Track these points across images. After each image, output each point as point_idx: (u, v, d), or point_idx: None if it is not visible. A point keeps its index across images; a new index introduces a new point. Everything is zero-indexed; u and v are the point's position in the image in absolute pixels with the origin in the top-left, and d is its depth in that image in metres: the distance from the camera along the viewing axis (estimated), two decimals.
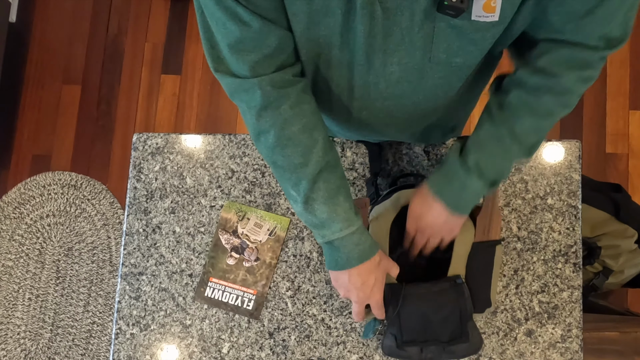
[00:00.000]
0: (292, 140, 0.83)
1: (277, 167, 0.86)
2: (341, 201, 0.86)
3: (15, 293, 2.19)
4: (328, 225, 0.86)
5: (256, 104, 0.81)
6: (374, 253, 0.90)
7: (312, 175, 0.84)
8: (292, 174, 0.85)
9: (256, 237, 1.17)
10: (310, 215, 0.86)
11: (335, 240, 0.88)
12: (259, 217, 1.17)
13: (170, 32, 2.36)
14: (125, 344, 1.15)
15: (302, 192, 0.85)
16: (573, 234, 1.14)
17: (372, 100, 0.88)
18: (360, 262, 0.89)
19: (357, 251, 0.88)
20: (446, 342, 0.99)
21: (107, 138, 2.30)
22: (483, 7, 0.70)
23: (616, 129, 2.18)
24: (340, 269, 0.90)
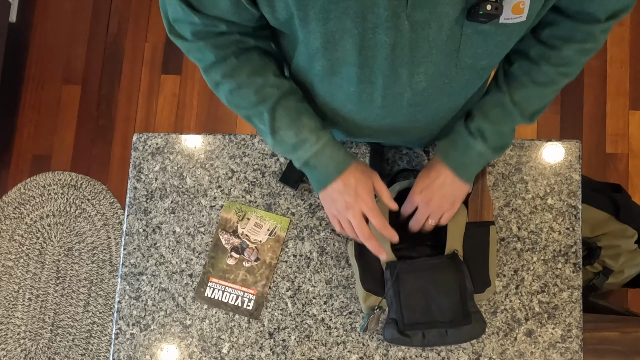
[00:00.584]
0: (244, 82, 0.88)
1: (240, 108, 0.91)
2: (305, 121, 0.90)
3: (15, 293, 2.19)
4: (299, 146, 0.90)
5: (205, 62, 0.87)
6: (351, 162, 0.93)
7: (270, 105, 0.88)
8: (254, 110, 0.89)
9: (256, 237, 1.17)
10: (281, 143, 0.91)
11: (310, 160, 0.91)
12: (259, 217, 1.17)
13: None
14: (125, 344, 1.15)
15: (267, 124, 0.89)
16: (573, 234, 1.14)
17: (398, 108, 0.89)
18: (339, 174, 0.91)
19: (332, 164, 0.91)
20: (448, 322, 0.99)
21: (107, 138, 2.30)
22: (512, 9, 0.70)
23: (616, 129, 2.18)
24: (323, 186, 0.93)
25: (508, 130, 0.93)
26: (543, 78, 0.88)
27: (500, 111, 0.91)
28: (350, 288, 1.15)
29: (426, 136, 1.06)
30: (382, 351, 1.12)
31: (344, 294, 1.15)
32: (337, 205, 0.94)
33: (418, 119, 0.93)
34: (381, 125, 0.96)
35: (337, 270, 1.15)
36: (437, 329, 0.99)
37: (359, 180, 0.92)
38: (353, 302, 1.14)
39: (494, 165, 1.17)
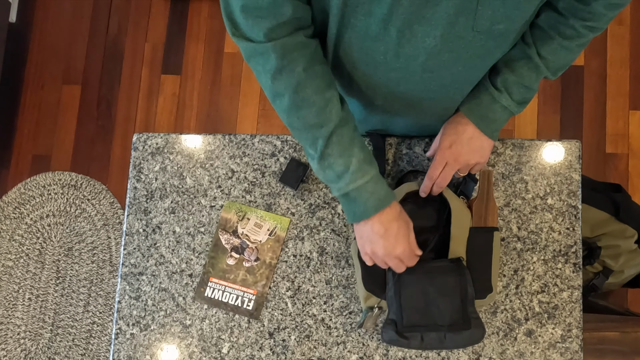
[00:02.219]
0: (306, 101, 0.86)
1: (294, 128, 0.89)
2: (355, 152, 0.89)
3: (15, 293, 2.19)
4: (343, 177, 0.89)
5: (271, 67, 0.84)
6: (391, 201, 0.92)
7: (327, 132, 0.87)
8: (308, 134, 0.88)
9: (256, 237, 1.17)
10: (328, 169, 0.89)
11: (350, 191, 0.90)
12: (259, 217, 1.17)
13: (170, 32, 2.36)
14: (125, 344, 1.15)
15: (319, 150, 0.88)
16: (573, 234, 1.14)
17: (412, 73, 0.87)
18: (376, 211, 0.90)
19: (372, 200, 0.90)
20: (447, 326, 0.99)
21: (107, 138, 2.30)
22: None
23: (616, 129, 2.18)
24: (358, 219, 0.92)
25: (533, 84, 0.94)
26: (570, 32, 0.89)
27: (526, 64, 0.92)
28: (350, 288, 1.15)
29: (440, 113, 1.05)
30: (382, 351, 1.12)
31: (344, 294, 1.15)
32: (374, 247, 0.94)
33: (432, 89, 0.92)
34: (395, 93, 0.94)
35: (337, 270, 1.15)
36: (435, 333, 0.99)
37: (400, 228, 0.93)
38: (353, 302, 1.14)
39: (494, 165, 1.17)
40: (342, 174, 0.89)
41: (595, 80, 2.23)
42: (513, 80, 0.93)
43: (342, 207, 0.94)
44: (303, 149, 0.94)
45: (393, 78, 0.90)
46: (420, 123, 1.13)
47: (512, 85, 0.93)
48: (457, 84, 0.93)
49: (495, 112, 0.95)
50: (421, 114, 1.05)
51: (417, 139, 1.18)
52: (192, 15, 2.37)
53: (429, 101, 0.97)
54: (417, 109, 1.01)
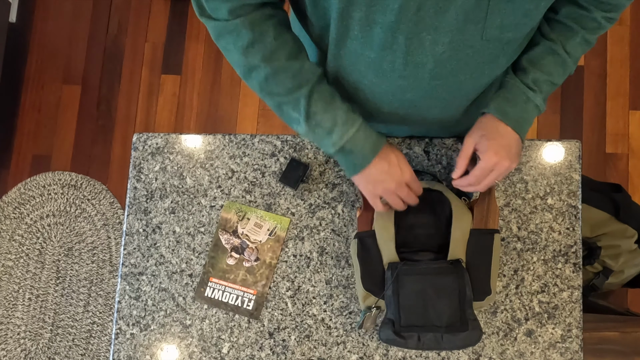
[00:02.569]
0: (282, 67, 0.87)
1: (273, 95, 0.90)
2: (339, 104, 0.90)
3: (15, 293, 2.19)
4: (335, 131, 0.90)
5: (242, 42, 0.85)
6: (383, 141, 0.94)
7: (307, 91, 0.88)
8: (289, 97, 0.89)
9: (256, 237, 1.17)
10: (317, 128, 0.90)
11: (346, 144, 0.91)
12: (259, 217, 1.17)
13: (170, 32, 2.36)
14: (125, 344, 1.15)
15: (303, 110, 0.89)
16: (573, 234, 1.14)
17: (419, 81, 0.87)
18: (375, 154, 0.93)
19: (368, 145, 0.92)
20: (444, 327, 0.99)
21: (107, 138, 2.31)
22: None
23: (616, 129, 2.18)
24: (360, 169, 0.93)
25: (561, 80, 0.93)
26: (592, 24, 0.89)
27: (554, 61, 0.91)
28: (350, 288, 1.15)
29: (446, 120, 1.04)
30: (382, 351, 1.12)
31: (344, 294, 1.15)
32: (385, 185, 0.95)
33: (439, 96, 0.92)
34: (401, 101, 0.94)
35: (337, 270, 1.15)
36: (433, 333, 0.99)
37: (399, 156, 0.96)
38: (353, 302, 1.14)
39: None
40: (332, 129, 0.90)
41: (595, 80, 2.23)
42: (544, 78, 0.92)
43: (340, 162, 0.96)
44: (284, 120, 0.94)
45: (400, 86, 0.89)
46: (424, 130, 1.13)
47: (543, 83, 0.92)
48: (464, 91, 0.92)
49: (529, 112, 0.93)
50: (426, 121, 1.04)
51: (417, 139, 1.18)
52: (192, 15, 2.37)
53: (435, 108, 0.97)
54: (423, 116, 1.01)
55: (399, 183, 0.96)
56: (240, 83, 2.31)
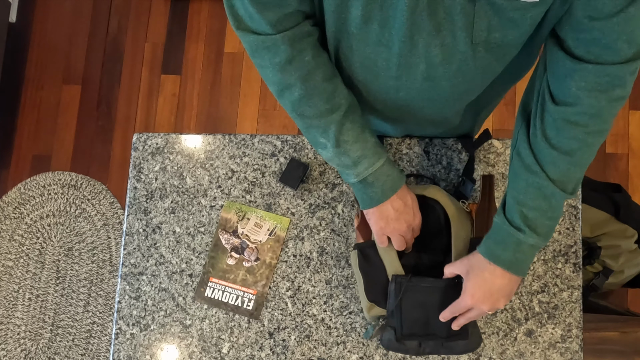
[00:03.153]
0: (317, 89, 0.86)
1: (304, 117, 0.89)
2: (368, 137, 0.91)
3: (15, 293, 2.19)
4: (361, 162, 0.90)
5: (280, 59, 0.84)
6: (404, 180, 0.95)
7: (339, 118, 0.88)
8: (320, 121, 0.88)
9: (256, 237, 1.17)
10: (344, 156, 0.90)
11: (368, 176, 0.91)
12: (259, 217, 1.17)
13: (170, 32, 2.36)
14: (125, 344, 1.15)
15: (332, 136, 0.88)
16: (573, 234, 1.14)
17: (412, 81, 0.87)
18: (394, 192, 0.93)
19: (389, 181, 0.92)
20: (445, 337, 0.99)
21: (107, 138, 2.31)
22: None
23: (616, 129, 2.18)
24: (376, 203, 0.93)
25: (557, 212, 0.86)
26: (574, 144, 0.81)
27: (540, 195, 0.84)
28: (350, 288, 1.15)
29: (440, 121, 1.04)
30: (382, 351, 1.12)
31: (344, 294, 1.15)
32: (396, 225, 0.95)
33: (432, 97, 0.91)
34: (394, 100, 0.94)
35: (337, 270, 1.15)
36: (433, 341, 1.00)
37: (414, 199, 0.97)
38: (353, 302, 1.14)
39: (494, 165, 1.17)
40: (359, 160, 0.90)
41: None
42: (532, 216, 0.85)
43: (357, 193, 0.95)
44: (310, 142, 0.93)
45: (393, 85, 0.89)
46: (420, 128, 1.13)
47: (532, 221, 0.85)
48: (458, 95, 0.92)
49: (525, 253, 0.87)
50: (421, 121, 1.04)
51: (418, 139, 1.18)
52: (192, 15, 2.37)
53: (429, 109, 0.97)
54: (417, 116, 1.00)
55: (408, 226, 0.97)
56: (240, 83, 2.31)
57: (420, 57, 0.81)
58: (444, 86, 0.88)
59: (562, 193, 0.84)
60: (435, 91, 0.90)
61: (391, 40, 0.80)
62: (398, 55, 0.82)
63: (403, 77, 0.86)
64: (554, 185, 0.83)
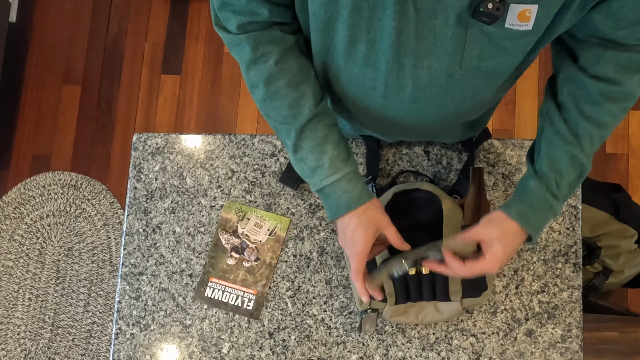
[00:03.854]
0: (279, 94, 0.86)
1: (269, 118, 0.90)
2: (328, 149, 0.88)
3: (15, 293, 2.19)
4: (317, 173, 0.88)
5: (245, 58, 0.85)
6: (364, 201, 0.89)
7: (299, 125, 0.87)
8: (282, 125, 0.89)
9: (256, 237, 1.17)
10: (302, 163, 0.90)
11: (325, 188, 0.89)
12: (259, 217, 1.17)
13: (170, 32, 2.36)
14: (125, 344, 1.15)
15: (292, 141, 0.88)
16: (573, 234, 1.14)
17: (400, 102, 0.88)
18: (349, 209, 0.88)
19: (344, 198, 0.88)
20: None
21: (107, 138, 2.30)
22: (518, 16, 0.70)
23: (616, 129, 2.18)
24: (333, 216, 0.91)
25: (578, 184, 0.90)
26: (608, 118, 0.85)
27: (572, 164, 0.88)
28: (350, 288, 1.15)
29: (434, 136, 1.05)
30: (382, 351, 1.12)
31: (344, 294, 1.15)
32: (342, 239, 0.92)
33: (420, 117, 0.92)
34: (384, 118, 0.94)
35: (337, 270, 1.15)
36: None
37: (360, 223, 0.89)
38: (353, 302, 1.14)
39: (494, 165, 1.17)
40: (315, 170, 0.88)
41: None
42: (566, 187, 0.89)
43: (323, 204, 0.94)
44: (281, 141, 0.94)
45: (382, 104, 0.90)
46: (413, 138, 1.13)
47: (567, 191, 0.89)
48: (446, 116, 0.92)
49: (548, 219, 0.90)
50: (414, 135, 1.05)
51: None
52: (192, 15, 2.37)
53: (419, 128, 0.97)
54: (408, 132, 1.01)
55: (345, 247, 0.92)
56: (240, 83, 2.31)
57: (407, 78, 0.82)
58: (432, 107, 0.88)
59: (589, 164, 0.88)
60: (424, 112, 0.90)
61: (378, 60, 0.80)
62: (385, 75, 0.82)
63: (391, 97, 0.87)
64: (585, 155, 0.87)
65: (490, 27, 0.71)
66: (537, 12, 0.69)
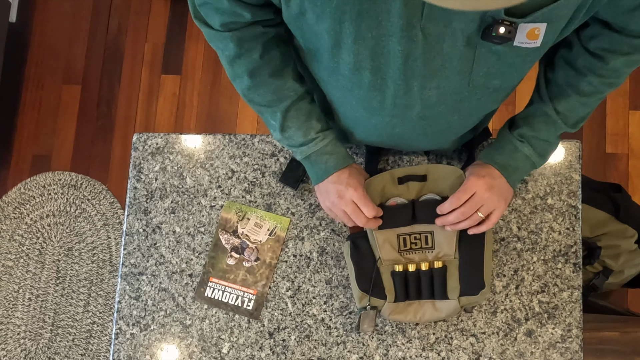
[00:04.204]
0: (264, 82, 0.91)
1: (254, 103, 0.94)
2: (313, 124, 0.95)
3: (15, 293, 2.19)
4: (304, 145, 0.95)
5: (229, 53, 0.87)
6: (349, 162, 0.98)
7: (285, 107, 0.92)
8: (267, 108, 0.94)
9: (256, 237, 1.17)
10: (289, 140, 0.96)
11: (312, 155, 0.96)
12: (259, 217, 1.17)
13: (170, 32, 2.36)
14: (125, 344, 1.15)
15: (279, 122, 0.94)
16: (573, 234, 1.14)
17: (408, 120, 0.89)
18: (337, 169, 0.97)
19: (332, 160, 0.97)
20: None
21: (107, 138, 2.30)
22: (527, 34, 0.70)
23: (616, 129, 2.18)
24: (320, 179, 0.98)
25: (553, 138, 0.95)
26: (588, 88, 0.88)
27: (544, 121, 0.93)
28: (350, 288, 1.15)
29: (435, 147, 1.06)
30: (382, 351, 1.12)
31: (344, 294, 1.15)
32: (330, 197, 0.98)
33: (427, 132, 0.93)
34: (390, 134, 0.96)
35: (337, 270, 1.15)
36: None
37: (352, 174, 0.98)
38: (353, 302, 1.14)
39: None
40: (302, 143, 0.95)
41: None
42: (532, 135, 0.94)
43: (307, 171, 1.01)
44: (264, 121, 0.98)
45: (389, 122, 0.91)
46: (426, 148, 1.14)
47: (531, 139, 0.94)
48: (452, 130, 0.95)
49: (517, 160, 0.96)
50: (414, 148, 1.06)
51: None
52: None
53: (423, 142, 1.00)
54: (411, 146, 1.04)
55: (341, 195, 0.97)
56: None
57: (416, 99, 0.83)
58: (440, 123, 0.90)
59: (563, 125, 0.93)
60: (431, 127, 0.92)
61: (385, 84, 0.80)
62: (393, 96, 0.83)
63: (398, 116, 0.88)
64: (558, 116, 0.92)
65: (499, 46, 0.72)
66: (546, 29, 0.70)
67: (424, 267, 1.04)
